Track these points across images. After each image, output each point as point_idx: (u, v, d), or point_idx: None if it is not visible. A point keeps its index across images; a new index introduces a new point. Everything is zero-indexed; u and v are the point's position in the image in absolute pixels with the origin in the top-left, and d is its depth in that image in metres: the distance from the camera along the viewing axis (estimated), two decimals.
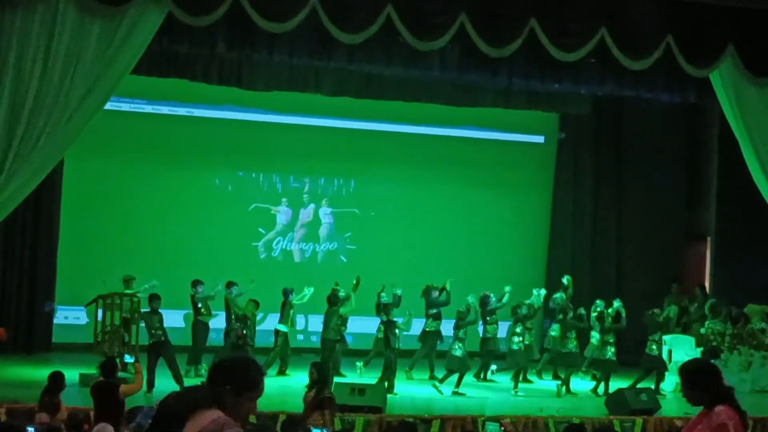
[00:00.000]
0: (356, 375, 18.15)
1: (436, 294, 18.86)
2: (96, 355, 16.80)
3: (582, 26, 17.25)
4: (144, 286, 17.70)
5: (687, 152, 22.89)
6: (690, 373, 7.28)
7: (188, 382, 16.71)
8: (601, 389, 17.96)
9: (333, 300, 17.94)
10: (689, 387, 7.21)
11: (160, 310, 17.05)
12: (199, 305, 18.18)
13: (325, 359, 17.17)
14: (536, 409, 15.87)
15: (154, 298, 17.04)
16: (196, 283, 18.28)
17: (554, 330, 19.00)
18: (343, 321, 18.11)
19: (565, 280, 19.62)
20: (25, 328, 19.84)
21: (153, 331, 16.73)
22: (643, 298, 20.16)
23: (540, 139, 23.24)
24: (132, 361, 14.61)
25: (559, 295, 19.27)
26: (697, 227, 22.78)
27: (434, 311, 18.85)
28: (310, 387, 12.92)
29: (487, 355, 19.15)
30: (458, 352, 17.51)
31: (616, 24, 17.28)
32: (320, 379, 12.85)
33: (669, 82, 18.20)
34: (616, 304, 18.55)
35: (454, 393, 17.44)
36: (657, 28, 17.45)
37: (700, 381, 7.23)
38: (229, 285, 18.42)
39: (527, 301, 18.89)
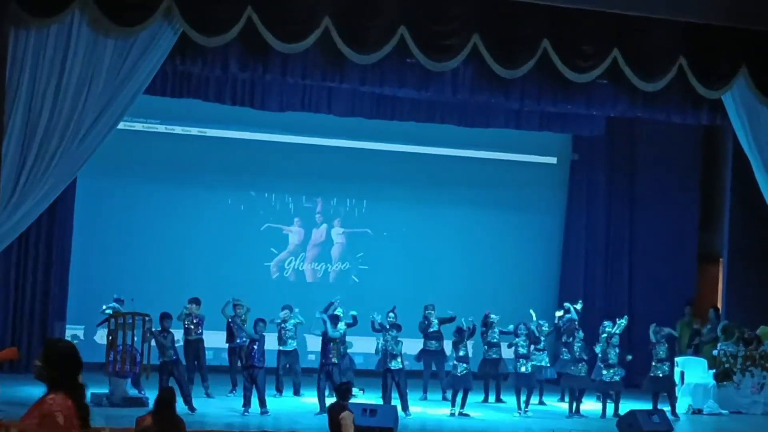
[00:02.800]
0: (364, 395, 18.13)
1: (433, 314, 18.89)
2: (107, 375, 16.80)
3: (595, 47, 17.30)
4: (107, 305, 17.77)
5: (700, 173, 22.85)
6: (50, 349, 6.73)
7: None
8: (611, 411, 17.89)
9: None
10: (45, 363, 6.64)
11: (171, 330, 17.10)
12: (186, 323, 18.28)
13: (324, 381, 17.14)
14: (548, 431, 15.85)
15: (165, 317, 17.08)
16: (190, 302, 18.33)
17: (564, 353, 18.91)
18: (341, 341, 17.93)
19: (578, 305, 19.49)
20: (37, 348, 19.82)
21: (165, 350, 16.75)
22: (655, 320, 20.09)
23: (552, 160, 23.23)
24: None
25: (568, 317, 19.20)
26: (710, 249, 22.72)
27: (433, 331, 18.81)
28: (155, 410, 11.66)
29: (489, 377, 19.10)
30: (458, 372, 17.44)
31: (628, 45, 17.33)
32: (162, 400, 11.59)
33: (682, 104, 18.22)
34: (623, 322, 18.44)
35: (461, 414, 17.41)
36: (670, 49, 17.50)
37: (56, 362, 6.66)
38: (236, 306, 18.38)
39: (536, 323, 18.76)
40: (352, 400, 17.00)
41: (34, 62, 15.21)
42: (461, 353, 17.54)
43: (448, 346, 18.75)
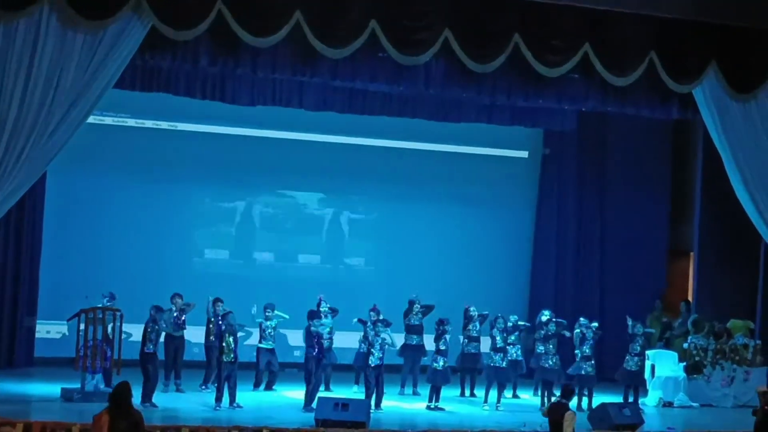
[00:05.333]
0: (344, 391, 18.13)
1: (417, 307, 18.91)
2: (77, 370, 16.72)
3: (566, 42, 17.33)
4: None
5: (670, 168, 22.94)
6: None
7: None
8: (584, 404, 17.97)
9: (309, 315, 17.79)
10: None
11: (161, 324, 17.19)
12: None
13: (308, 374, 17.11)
14: (519, 425, 15.89)
15: (159, 310, 17.04)
16: (174, 298, 18.29)
17: (539, 346, 18.92)
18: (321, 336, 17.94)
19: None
20: (7, 343, 19.73)
21: (150, 339, 16.76)
22: (626, 314, 20.16)
23: (524, 154, 23.25)
24: None
25: (547, 312, 19.19)
26: (680, 243, 22.82)
27: (415, 324, 18.84)
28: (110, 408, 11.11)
29: (466, 371, 19.15)
30: (438, 366, 17.49)
31: (599, 40, 17.37)
32: (115, 398, 11.09)
33: (652, 98, 18.28)
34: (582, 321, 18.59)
35: (436, 408, 17.43)
36: (640, 44, 17.55)
37: None
38: (216, 302, 18.33)
39: (512, 320, 18.77)
40: (327, 394, 17.10)
41: (3, 56, 15.08)
42: (441, 347, 17.58)
43: (427, 340, 18.77)
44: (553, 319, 18.63)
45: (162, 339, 17.47)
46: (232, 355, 16.53)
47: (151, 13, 15.44)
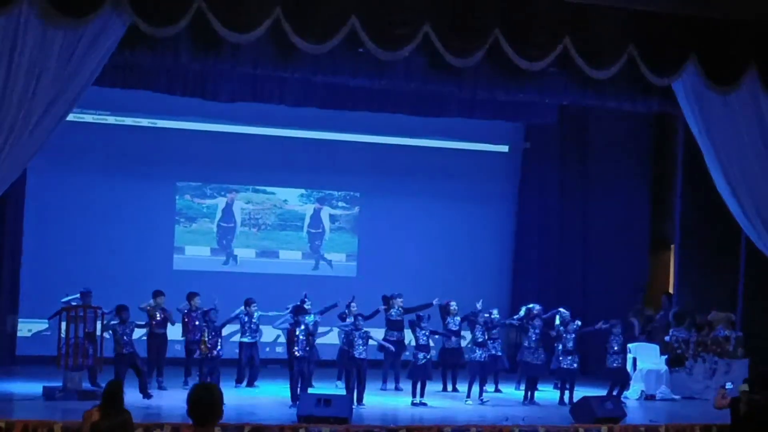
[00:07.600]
0: (326, 387, 18.12)
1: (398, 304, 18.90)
2: (59, 368, 16.67)
3: (546, 36, 17.29)
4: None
5: (651, 161, 23.01)
6: None
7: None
8: (566, 398, 18.00)
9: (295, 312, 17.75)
10: None
11: (129, 321, 17.16)
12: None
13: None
14: (502, 419, 15.91)
15: (123, 309, 17.02)
16: (156, 295, 18.26)
17: (523, 340, 18.95)
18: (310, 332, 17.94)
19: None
20: None
21: (123, 343, 16.73)
22: (609, 307, 20.20)
23: (505, 148, 23.29)
24: None
25: (531, 306, 19.19)
26: (661, 235, 22.87)
27: (395, 319, 18.83)
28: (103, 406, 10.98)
29: (447, 366, 19.16)
30: (419, 361, 17.47)
31: (579, 34, 17.34)
32: (108, 395, 10.96)
33: (632, 92, 18.27)
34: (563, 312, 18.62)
35: (421, 402, 17.43)
36: (620, 38, 17.53)
37: None
38: (191, 297, 18.31)
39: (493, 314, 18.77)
40: (312, 390, 17.05)
41: None
42: (421, 342, 17.54)
43: (408, 335, 18.77)
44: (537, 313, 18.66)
45: (134, 337, 17.47)
46: (213, 351, 16.49)
47: (131, 9, 15.35)
